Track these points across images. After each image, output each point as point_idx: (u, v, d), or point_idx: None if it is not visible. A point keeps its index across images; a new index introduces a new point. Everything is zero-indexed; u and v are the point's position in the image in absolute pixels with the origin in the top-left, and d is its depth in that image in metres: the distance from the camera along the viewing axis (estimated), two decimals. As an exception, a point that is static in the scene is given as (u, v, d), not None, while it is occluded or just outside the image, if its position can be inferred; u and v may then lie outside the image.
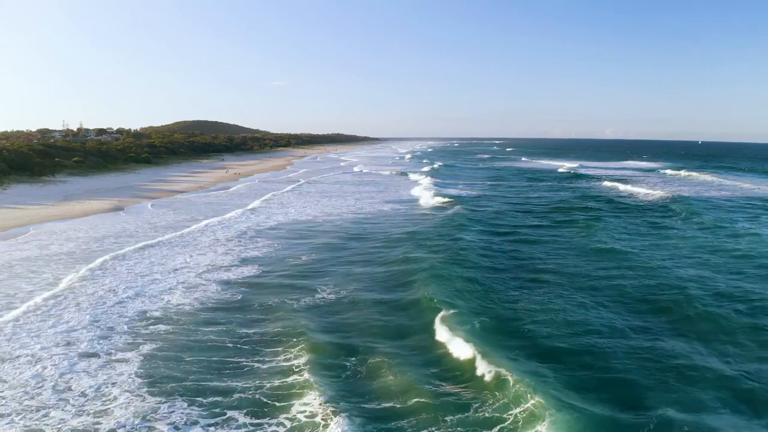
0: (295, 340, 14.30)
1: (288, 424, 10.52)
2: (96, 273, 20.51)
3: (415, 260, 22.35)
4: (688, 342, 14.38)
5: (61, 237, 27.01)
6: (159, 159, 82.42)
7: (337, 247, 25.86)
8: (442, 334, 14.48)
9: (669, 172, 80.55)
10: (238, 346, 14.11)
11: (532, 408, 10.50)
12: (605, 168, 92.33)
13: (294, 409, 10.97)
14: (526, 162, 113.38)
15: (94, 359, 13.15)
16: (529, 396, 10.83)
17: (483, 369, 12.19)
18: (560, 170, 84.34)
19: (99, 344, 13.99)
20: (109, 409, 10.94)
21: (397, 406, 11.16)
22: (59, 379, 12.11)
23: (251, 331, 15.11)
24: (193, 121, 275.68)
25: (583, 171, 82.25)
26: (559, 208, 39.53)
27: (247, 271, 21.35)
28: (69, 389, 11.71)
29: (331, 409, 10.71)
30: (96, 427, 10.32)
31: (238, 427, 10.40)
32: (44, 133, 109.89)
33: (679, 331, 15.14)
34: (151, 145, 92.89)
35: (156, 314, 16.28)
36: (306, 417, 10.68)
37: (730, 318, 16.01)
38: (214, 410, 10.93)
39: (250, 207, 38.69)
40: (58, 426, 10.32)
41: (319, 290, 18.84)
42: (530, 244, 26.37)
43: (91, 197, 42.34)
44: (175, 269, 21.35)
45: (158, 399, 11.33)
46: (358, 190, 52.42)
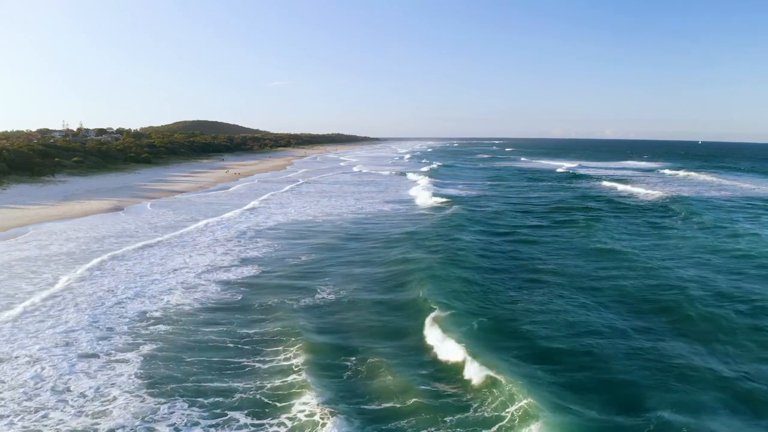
0: (294, 340, 14.31)
1: (289, 424, 10.52)
2: (95, 273, 20.51)
3: (413, 261, 22.37)
4: (688, 342, 14.37)
5: (60, 237, 27.01)
6: (159, 159, 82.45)
7: (337, 247, 25.88)
8: (436, 335, 14.46)
9: (669, 172, 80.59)
10: (238, 346, 14.12)
11: (526, 408, 10.48)
12: (605, 168, 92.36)
13: (294, 409, 10.97)
14: (525, 162, 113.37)
15: (94, 360, 13.14)
16: (522, 398, 10.80)
17: (474, 371, 12.14)
18: (560, 170, 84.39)
19: (98, 345, 13.99)
20: (109, 410, 10.93)
21: (396, 406, 11.17)
22: (58, 380, 12.10)
23: (251, 332, 15.11)
24: (193, 121, 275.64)
25: (582, 171, 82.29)
26: (558, 208, 39.51)
27: (247, 271, 21.35)
28: (68, 390, 11.70)
29: (329, 409, 10.71)
30: (95, 428, 10.31)
31: (240, 428, 10.39)
32: (44, 133, 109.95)
33: (679, 332, 15.14)
34: (151, 145, 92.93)
35: (156, 314, 16.28)
36: (305, 416, 10.69)
37: (730, 318, 16.00)
38: (215, 411, 10.93)
39: (249, 207, 38.69)
40: (58, 427, 10.31)
41: (318, 290, 18.85)
42: (529, 245, 26.36)
43: (90, 197, 42.33)
44: (175, 269, 21.35)
45: (158, 400, 11.32)
46: (357, 190, 52.43)
